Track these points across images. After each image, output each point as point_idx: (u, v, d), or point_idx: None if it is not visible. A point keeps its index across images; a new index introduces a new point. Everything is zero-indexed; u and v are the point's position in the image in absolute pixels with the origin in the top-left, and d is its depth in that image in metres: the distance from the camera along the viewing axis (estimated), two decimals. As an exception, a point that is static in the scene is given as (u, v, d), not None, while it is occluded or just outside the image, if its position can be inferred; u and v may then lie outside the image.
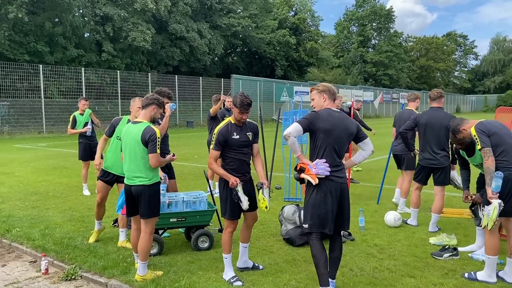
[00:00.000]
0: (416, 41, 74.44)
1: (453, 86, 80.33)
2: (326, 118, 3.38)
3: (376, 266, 4.18)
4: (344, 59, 60.68)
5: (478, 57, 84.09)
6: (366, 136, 3.54)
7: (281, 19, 44.06)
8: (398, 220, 5.48)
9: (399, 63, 62.80)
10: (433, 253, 4.48)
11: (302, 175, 3.37)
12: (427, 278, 3.89)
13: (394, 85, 59.39)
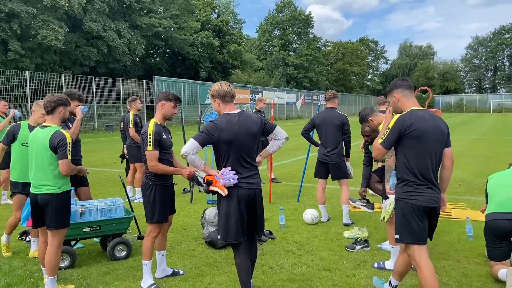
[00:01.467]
0: (333, 45, 78.61)
1: (367, 88, 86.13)
2: (225, 127, 3.20)
3: (295, 263, 4.32)
4: (267, 62, 62.13)
5: (388, 61, 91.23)
6: (275, 126, 3.47)
7: (203, 20, 43.82)
8: (316, 218, 5.72)
9: (318, 66, 65.79)
10: (346, 246, 4.74)
11: (211, 187, 3.26)
12: (341, 270, 4.10)
13: (314, 87, 62.08)
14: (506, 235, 3.72)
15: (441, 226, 5.45)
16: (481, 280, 3.79)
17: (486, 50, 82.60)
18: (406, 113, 3.08)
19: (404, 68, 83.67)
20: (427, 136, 3.00)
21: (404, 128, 2.98)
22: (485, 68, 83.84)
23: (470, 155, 12.61)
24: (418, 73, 79.13)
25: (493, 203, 3.91)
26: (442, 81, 77.86)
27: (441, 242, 4.87)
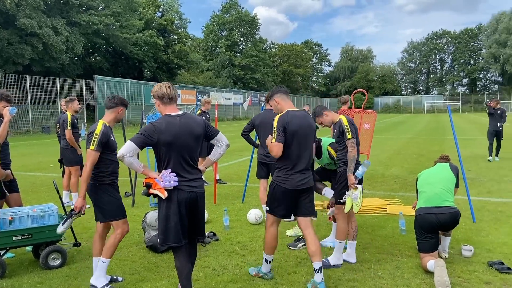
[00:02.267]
0: (279, 47, 79.96)
1: (312, 89, 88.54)
2: (165, 129, 3.14)
3: (238, 263, 4.34)
4: (213, 63, 61.87)
5: (331, 64, 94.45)
6: (218, 132, 3.47)
7: (147, 19, 42.79)
8: (260, 218, 5.78)
9: (265, 67, 66.61)
10: (288, 244, 4.84)
11: (151, 190, 3.19)
12: (282, 268, 4.18)
13: (261, 88, 62.75)
14: (434, 228, 3.98)
15: (377, 221, 5.76)
16: (412, 271, 4.03)
17: (420, 55, 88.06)
18: (284, 113, 3.69)
19: (346, 71, 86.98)
20: (301, 131, 3.66)
21: (286, 125, 3.59)
22: (419, 71, 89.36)
23: (405, 154, 13.36)
24: (359, 76, 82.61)
25: (421, 199, 4.18)
26: (381, 83, 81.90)
27: (377, 237, 5.11)
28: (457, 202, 6.53)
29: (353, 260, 4.30)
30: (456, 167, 4.48)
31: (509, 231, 5.19)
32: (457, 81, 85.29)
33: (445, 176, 4.30)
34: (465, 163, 11.03)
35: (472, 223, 5.58)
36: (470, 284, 3.73)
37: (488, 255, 4.38)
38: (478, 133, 21.61)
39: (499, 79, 79.27)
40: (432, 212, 3.98)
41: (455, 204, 4.19)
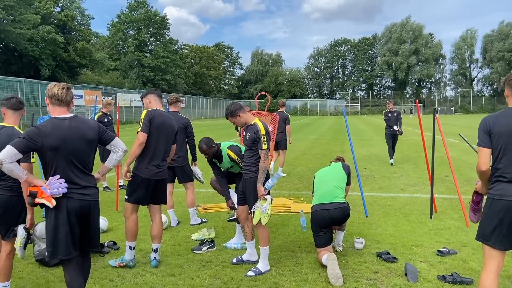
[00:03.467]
0: (190, 49, 79.18)
1: (224, 92, 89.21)
2: (50, 132, 2.93)
3: (139, 272, 4.17)
4: (120, 62, 59.15)
5: (242, 67, 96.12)
6: (114, 137, 3.31)
7: (44, 14, 39.46)
8: (165, 223, 5.61)
9: (176, 69, 65.42)
10: (193, 248, 4.78)
11: (37, 199, 2.91)
12: (185, 273, 4.11)
13: (172, 90, 61.48)
14: (327, 224, 4.23)
15: (281, 220, 5.95)
16: (310, 266, 4.23)
17: (325, 60, 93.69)
18: (152, 110, 4.32)
19: (257, 74, 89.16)
20: (163, 128, 4.27)
21: (151, 119, 4.19)
22: (324, 76, 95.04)
23: (310, 154, 14.06)
24: (269, 79, 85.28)
25: (316, 196, 4.43)
26: (290, 87, 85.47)
27: (280, 235, 5.28)
28: (352, 198, 7.07)
29: (255, 258, 4.37)
30: (348, 166, 4.81)
31: (396, 223, 5.72)
32: (356, 86, 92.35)
33: (337, 175, 4.61)
34: (361, 161, 11.99)
35: (364, 217, 6.05)
36: (360, 274, 4.03)
37: (377, 246, 4.77)
38: (374, 134, 23.58)
39: (392, 84, 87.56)
40: (324, 208, 4.22)
41: (347, 200, 4.48)
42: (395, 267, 4.16)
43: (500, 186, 2.84)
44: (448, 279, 3.74)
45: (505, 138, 2.81)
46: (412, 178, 9.18)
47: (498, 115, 2.90)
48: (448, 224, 5.61)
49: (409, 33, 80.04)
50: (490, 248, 2.88)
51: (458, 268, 4.09)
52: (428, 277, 3.89)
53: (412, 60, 79.31)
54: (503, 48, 76.47)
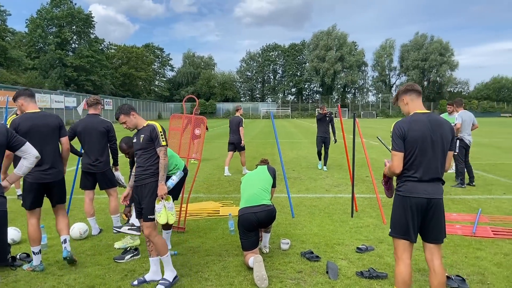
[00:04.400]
0: (118, 49, 76.10)
1: (155, 94, 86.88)
2: None
3: (54, 285, 3.90)
4: (40, 61, 55.17)
5: (174, 69, 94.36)
6: (24, 142, 3.12)
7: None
8: (85, 232, 5.34)
9: (102, 69, 62.52)
10: (115, 257, 4.57)
11: None
12: (106, 284, 3.91)
13: (98, 91, 58.64)
14: (254, 226, 4.27)
15: (209, 224, 5.91)
16: (236, 270, 4.24)
17: (257, 64, 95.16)
18: (16, 118, 4.27)
19: (189, 76, 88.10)
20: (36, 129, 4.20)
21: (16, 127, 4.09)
22: (256, 80, 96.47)
23: (240, 157, 14.13)
24: (201, 82, 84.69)
25: (243, 199, 4.46)
26: (222, 90, 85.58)
27: (208, 240, 5.24)
28: (279, 199, 7.23)
29: (160, 277, 3.95)
30: (273, 169, 4.90)
31: (320, 223, 5.94)
32: (287, 90, 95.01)
33: (263, 177, 4.68)
34: (290, 163, 12.33)
35: (291, 218, 6.20)
36: (285, 274, 4.11)
37: (301, 246, 4.91)
38: (303, 137, 24.37)
39: (320, 89, 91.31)
40: (251, 211, 4.26)
41: (273, 202, 4.57)
42: (318, 265, 4.31)
43: (410, 184, 3.07)
44: (365, 275, 3.95)
45: (419, 143, 3.04)
46: (336, 179, 9.60)
47: (410, 120, 3.12)
48: (367, 222, 5.94)
49: (334, 40, 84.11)
50: (403, 241, 3.10)
51: (374, 263, 4.34)
52: (347, 273, 4.08)
53: (338, 67, 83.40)
54: (417, 57, 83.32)
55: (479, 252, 4.65)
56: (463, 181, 8.57)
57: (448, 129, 3.10)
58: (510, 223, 5.84)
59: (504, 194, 7.86)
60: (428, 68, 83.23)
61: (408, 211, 3.05)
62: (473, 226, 5.50)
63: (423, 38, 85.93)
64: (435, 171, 3.05)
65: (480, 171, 10.35)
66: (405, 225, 3.07)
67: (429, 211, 3.04)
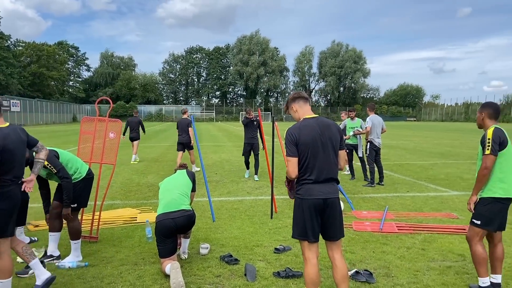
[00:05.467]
0: (26, 46, 70.08)
1: (69, 95, 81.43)
2: None
3: None
4: None
5: (90, 69, 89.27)
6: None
7: None
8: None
9: (8, 67, 57.19)
10: (18, 272, 4.17)
11: None
12: (5, 304, 3.54)
13: (3, 92, 53.55)
14: (172, 233, 4.16)
15: (125, 232, 5.65)
16: (153, 278, 4.09)
17: (180, 67, 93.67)
18: None
19: (107, 77, 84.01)
20: None
21: None
22: (179, 82, 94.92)
23: (162, 161, 13.78)
24: (121, 83, 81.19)
25: (161, 205, 4.33)
26: (143, 92, 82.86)
27: (123, 248, 4.99)
28: (200, 204, 7.16)
29: None
30: (193, 173, 4.84)
31: (240, 225, 5.97)
32: (211, 93, 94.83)
33: (182, 182, 4.59)
34: (213, 167, 12.28)
35: (212, 222, 6.16)
36: (203, 279, 4.06)
37: (221, 250, 4.90)
38: (227, 140, 24.46)
39: (244, 93, 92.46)
40: (170, 217, 4.15)
41: (192, 207, 4.49)
42: (236, 268, 4.32)
43: (307, 187, 3.20)
44: (282, 274, 4.05)
45: (310, 146, 3.18)
46: (258, 182, 9.75)
47: (300, 126, 3.26)
48: (285, 222, 6.10)
49: (257, 45, 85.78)
50: (306, 242, 3.22)
51: (291, 263, 4.46)
52: (265, 274, 4.15)
53: (261, 71, 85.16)
54: (334, 64, 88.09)
55: (385, 246, 5.01)
56: (373, 180, 9.19)
57: (335, 130, 3.29)
58: (413, 218, 6.37)
59: (408, 192, 8.58)
60: (344, 74, 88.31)
61: (307, 213, 3.17)
62: (381, 222, 5.91)
63: (339, 46, 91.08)
64: (329, 172, 3.21)
65: (388, 171, 11.19)
66: (304, 226, 3.19)
67: (326, 211, 3.20)
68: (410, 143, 22.07)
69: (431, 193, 8.42)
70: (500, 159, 3.56)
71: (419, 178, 10.23)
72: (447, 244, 5.11)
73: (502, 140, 3.55)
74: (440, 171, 11.44)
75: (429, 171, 11.46)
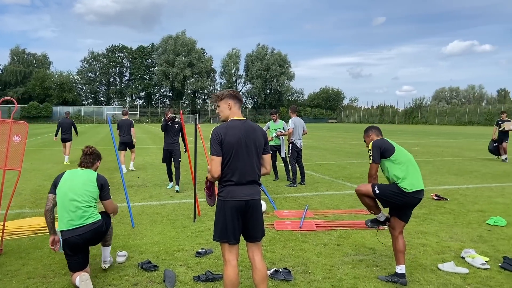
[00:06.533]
0: None
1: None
2: None
3: None
4: None
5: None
6: None
7: None
8: None
9: None
10: None
11: None
12: None
13: None
14: (80, 249, 3.86)
15: (33, 243, 5.25)
16: (63, 291, 3.83)
17: (101, 66, 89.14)
18: None
19: (18, 75, 77.40)
20: None
21: None
22: (100, 82, 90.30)
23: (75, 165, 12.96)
24: (34, 82, 75.18)
25: (63, 220, 3.89)
26: (60, 92, 77.44)
27: (31, 260, 4.61)
28: (120, 209, 6.84)
29: None
30: (103, 178, 4.29)
31: (162, 230, 5.82)
32: (135, 94, 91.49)
33: (85, 188, 4.04)
34: (136, 170, 11.85)
35: (131, 228, 5.92)
36: (119, 289, 3.89)
37: (140, 257, 4.72)
38: (151, 142, 23.77)
39: (170, 94, 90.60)
40: (75, 234, 3.79)
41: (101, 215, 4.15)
42: (155, 275, 4.19)
43: (230, 188, 3.22)
44: (202, 278, 4.01)
45: (235, 147, 3.21)
46: (182, 185, 9.57)
47: (227, 126, 3.27)
48: (208, 225, 6.06)
49: (183, 46, 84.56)
50: (227, 244, 3.23)
51: (213, 266, 4.44)
52: (185, 279, 4.07)
53: (187, 72, 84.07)
54: (260, 67, 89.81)
55: (304, 244, 5.19)
56: (295, 180, 9.49)
57: (260, 134, 3.36)
58: (330, 215, 6.69)
59: (327, 190, 8.99)
60: (270, 77, 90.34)
61: (229, 215, 3.19)
62: (300, 221, 6.12)
63: (265, 49, 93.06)
64: (251, 174, 3.26)
65: (309, 171, 11.63)
66: (225, 228, 3.20)
67: (248, 212, 3.24)
68: (330, 143, 23.17)
69: (348, 191, 8.91)
70: (395, 162, 4.01)
71: (337, 177, 10.77)
72: (360, 239, 5.43)
73: (384, 148, 4.02)
74: (357, 170, 12.16)
75: (347, 170, 12.12)
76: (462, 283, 4.02)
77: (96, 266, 4.42)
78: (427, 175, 11.07)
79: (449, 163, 14.08)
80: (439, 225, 6.13)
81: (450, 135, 34.09)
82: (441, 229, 5.91)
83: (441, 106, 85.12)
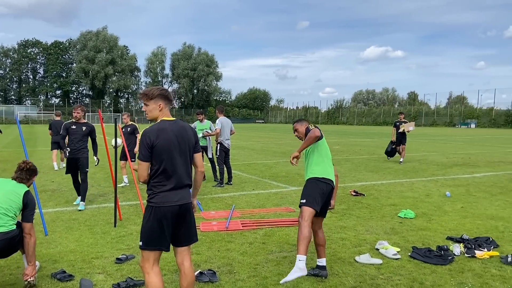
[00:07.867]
0: None
1: None
2: None
3: None
4: None
5: None
6: None
7: None
8: None
9: None
10: None
11: None
12: None
13: None
14: None
15: None
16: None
17: (11, 61, 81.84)
18: None
19: None
20: None
21: None
22: (10, 79, 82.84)
23: (-16, 170, 11.77)
24: None
25: None
26: (-38, 89, 69.72)
27: None
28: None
29: None
30: (32, 198, 3.97)
31: (78, 237, 5.45)
32: (50, 92, 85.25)
33: (8, 197, 3.81)
34: (49, 174, 11.02)
35: (44, 236, 5.48)
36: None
37: (53, 267, 4.37)
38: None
39: (90, 92, 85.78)
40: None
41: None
42: (70, 285, 3.91)
43: (162, 194, 3.04)
44: (122, 286, 3.81)
45: (166, 152, 3.05)
46: (103, 188, 9.10)
47: (158, 129, 3.09)
48: (130, 230, 5.81)
49: (104, 42, 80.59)
50: (155, 252, 3.06)
51: (134, 272, 4.24)
52: (104, 287, 3.86)
53: (109, 70, 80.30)
54: (187, 66, 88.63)
55: (230, 244, 5.19)
56: (222, 181, 9.47)
57: (191, 134, 3.27)
58: (256, 214, 6.76)
59: (253, 189, 9.09)
60: (197, 77, 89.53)
61: (163, 221, 3.02)
62: (227, 221, 6.11)
63: (191, 49, 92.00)
64: (185, 177, 3.14)
65: (237, 171, 11.69)
66: (158, 236, 3.03)
67: (181, 216, 3.11)
68: (258, 143, 23.52)
69: (273, 189, 9.09)
70: (316, 151, 4.33)
71: (263, 176, 10.95)
72: (284, 236, 5.55)
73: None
74: (282, 169, 12.46)
75: (273, 169, 12.38)
76: (376, 273, 4.28)
77: (4, 278, 4.02)
78: (346, 172, 11.69)
79: (366, 160, 15.02)
80: (357, 219, 6.48)
81: (367, 135, 36.44)
82: (358, 223, 6.26)
83: (359, 108, 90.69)
